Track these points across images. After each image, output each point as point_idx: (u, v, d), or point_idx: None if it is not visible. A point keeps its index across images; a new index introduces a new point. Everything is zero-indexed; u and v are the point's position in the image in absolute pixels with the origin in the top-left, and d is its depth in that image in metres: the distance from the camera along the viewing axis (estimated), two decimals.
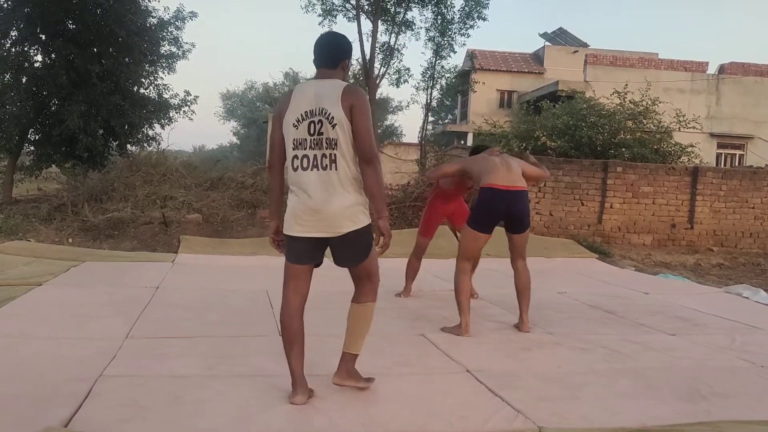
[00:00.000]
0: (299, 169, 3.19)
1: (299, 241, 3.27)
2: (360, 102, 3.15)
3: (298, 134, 3.19)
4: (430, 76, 19.14)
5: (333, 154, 3.14)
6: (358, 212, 3.20)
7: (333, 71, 3.28)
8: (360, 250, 3.29)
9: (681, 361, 4.38)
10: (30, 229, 9.87)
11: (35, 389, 3.30)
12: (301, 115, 3.18)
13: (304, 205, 3.18)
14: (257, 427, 2.94)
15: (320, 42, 3.33)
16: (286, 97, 3.32)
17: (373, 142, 3.18)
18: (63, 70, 12.77)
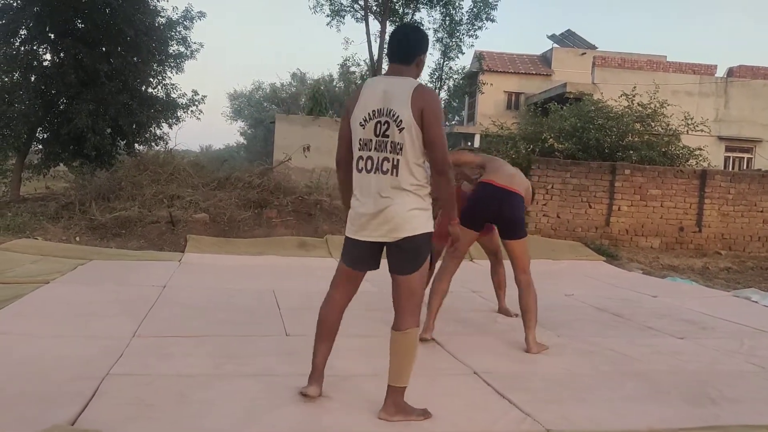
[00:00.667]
0: (363, 170, 3.07)
1: (356, 244, 3.18)
2: (432, 105, 2.97)
3: (365, 134, 3.05)
4: (438, 77, 19.17)
5: (396, 159, 2.99)
6: (415, 218, 3.03)
7: (407, 67, 3.10)
8: (411, 258, 3.08)
9: (689, 365, 4.35)
10: (38, 228, 9.89)
11: (42, 387, 3.31)
12: (369, 114, 3.04)
13: (362, 209, 3.09)
14: (263, 427, 2.93)
15: (396, 34, 3.17)
16: (356, 92, 3.16)
17: (446, 151, 3.01)
18: (71, 68, 12.80)
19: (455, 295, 6.18)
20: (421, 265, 3.09)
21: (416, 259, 3.08)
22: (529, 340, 4.58)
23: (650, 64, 24.44)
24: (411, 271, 3.08)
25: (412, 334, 3.10)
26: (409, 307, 3.10)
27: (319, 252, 9.51)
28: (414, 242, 3.03)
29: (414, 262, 3.08)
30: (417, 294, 3.13)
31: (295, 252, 9.32)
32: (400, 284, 3.11)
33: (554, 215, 11.66)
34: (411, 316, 3.10)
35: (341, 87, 35.27)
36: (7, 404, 3.04)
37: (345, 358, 4.15)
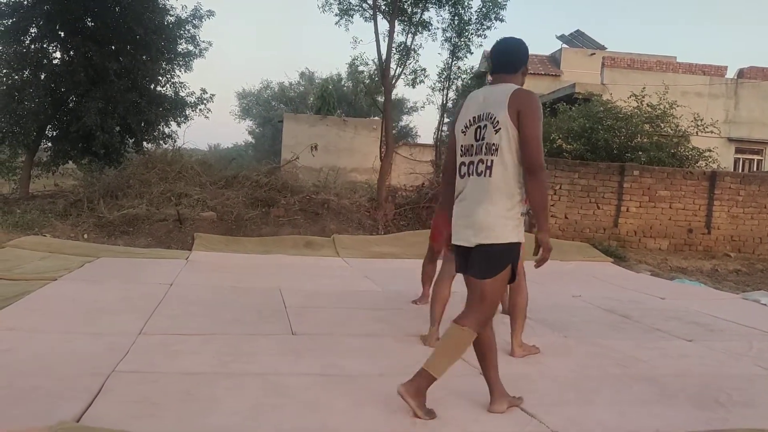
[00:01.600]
0: (465, 175, 3.13)
1: (458, 249, 3.20)
2: (529, 107, 2.98)
3: (466, 140, 3.13)
4: (446, 76, 19.10)
5: (491, 160, 3.01)
6: (499, 226, 3.01)
7: (512, 76, 3.17)
8: (490, 265, 3.05)
9: (697, 368, 4.32)
10: (46, 225, 9.93)
11: (49, 383, 3.31)
12: (469, 121, 3.13)
13: (460, 212, 3.13)
14: (269, 425, 2.93)
15: (499, 48, 3.21)
16: (462, 103, 3.26)
17: (540, 152, 2.99)
18: (81, 67, 12.86)
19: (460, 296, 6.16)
20: (497, 274, 3.05)
21: (491, 267, 3.05)
22: (514, 344, 4.46)
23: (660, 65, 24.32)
24: (484, 277, 3.06)
25: (466, 333, 3.08)
26: (478, 310, 3.09)
27: (326, 251, 9.51)
28: (492, 250, 3.03)
29: (489, 269, 3.05)
30: (487, 301, 3.09)
31: (302, 251, 9.33)
32: (474, 286, 3.12)
33: (562, 216, 11.62)
34: (474, 319, 3.08)
35: (349, 86, 35.23)
36: (14, 400, 3.05)
37: (350, 358, 4.14)
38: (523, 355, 4.42)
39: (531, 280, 7.68)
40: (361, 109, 34.09)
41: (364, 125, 25.82)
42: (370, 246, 10.03)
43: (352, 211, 11.78)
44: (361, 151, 23.79)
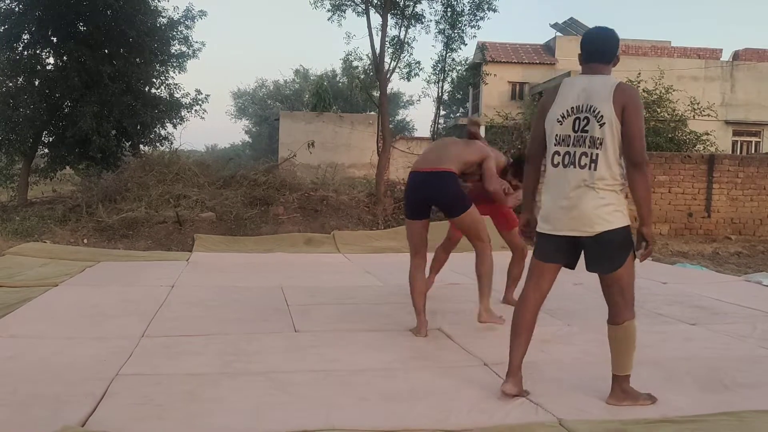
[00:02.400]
0: (559, 165, 3.14)
1: (550, 239, 3.20)
2: (634, 102, 3.04)
3: (562, 130, 3.13)
4: (441, 69, 19.03)
5: (595, 153, 3.04)
6: (612, 212, 3.06)
7: (605, 66, 3.18)
8: (614, 254, 3.10)
9: (701, 351, 4.32)
10: (45, 231, 9.92)
11: (52, 389, 3.31)
12: (567, 111, 3.12)
13: (557, 203, 3.13)
14: (273, 424, 2.92)
15: (593, 37, 3.23)
16: (552, 91, 3.25)
17: (644, 146, 3.06)
18: (75, 71, 12.84)
19: (463, 287, 6.17)
20: (624, 261, 3.11)
21: (615, 256, 3.11)
22: (481, 309, 4.63)
23: (655, 50, 24.32)
24: (612, 268, 3.11)
25: (629, 327, 3.17)
26: (623, 302, 3.15)
27: (327, 248, 9.51)
28: (611, 237, 3.06)
29: (613, 258, 3.11)
30: (628, 289, 3.15)
31: (302, 248, 9.32)
32: (609, 282, 3.16)
33: None
34: (626, 310, 3.15)
35: (344, 82, 35.18)
36: (18, 405, 3.05)
37: (354, 353, 4.14)
38: (487, 320, 4.66)
39: None
40: (356, 104, 34.08)
41: (360, 120, 25.81)
42: (371, 241, 10.02)
43: (351, 206, 11.77)
44: (358, 147, 23.79)
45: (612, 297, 3.17)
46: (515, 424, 2.97)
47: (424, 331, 4.60)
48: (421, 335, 4.57)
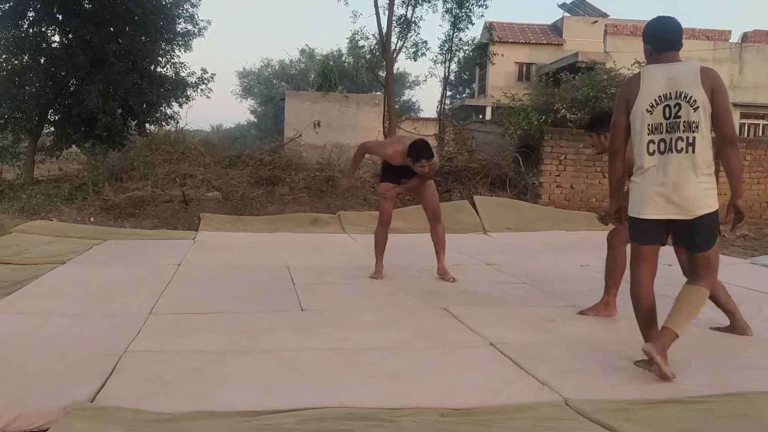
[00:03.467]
0: (655, 153, 3.26)
1: (650, 223, 3.33)
2: (720, 84, 3.23)
3: (653, 119, 3.26)
4: (447, 49, 18.89)
5: (692, 137, 3.21)
6: (711, 195, 3.27)
7: (677, 53, 3.33)
8: (709, 234, 3.32)
9: (707, 333, 4.32)
10: (52, 209, 9.95)
11: (61, 365, 3.33)
12: (655, 100, 3.25)
13: (659, 188, 3.25)
14: (281, 400, 2.94)
15: (665, 27, 3.38)
16: (633, 82, 3.36)
17: (733, 124, 3.28)
18: (80, 49, 12.78)
19: (468, 268, 6.18)
20: (715, 241, 3.36)
21: (711, 236, 3.33)
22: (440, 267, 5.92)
23: None
24: (707, 247, 3.34)
25: (703, 292, 3.38)
26: (707, 275, 3.39)
27: (332, 228, 9.52)
28: (709, 219, 3.27)
29: (709, 238, 3.33)
30: (714, 266, 3.43)
31: (308, 228, 9.33)
32: (698, 260, 3.38)
33: (568, 186, 11.58)
34: (707, 281, 3.39)
35: (350, 62, 35.00)
36: (28, 382, 3.07)
37: (360, 332, 4.16)
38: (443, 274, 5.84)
39: (538, 251, 7.70)
40: (362, 84, 33.93)
41: (366, 101, 25.69)
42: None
43: (356, 187, 11.74)
44: (364, 127, 23.69)
45: (698, 271, 3.39)
46: (521, 404, 2.98)
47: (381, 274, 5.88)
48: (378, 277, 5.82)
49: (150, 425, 2.61)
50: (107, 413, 2.70)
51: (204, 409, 2.80)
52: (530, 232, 9.05)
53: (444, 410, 2.89)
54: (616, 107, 3.43)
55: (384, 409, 2.86)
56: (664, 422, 2.77)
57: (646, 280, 3.45)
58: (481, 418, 2.80)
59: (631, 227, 3.44)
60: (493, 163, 12.59)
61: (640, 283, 3.46)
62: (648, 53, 3.43)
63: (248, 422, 2.66)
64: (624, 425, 2.71)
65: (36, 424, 2.64)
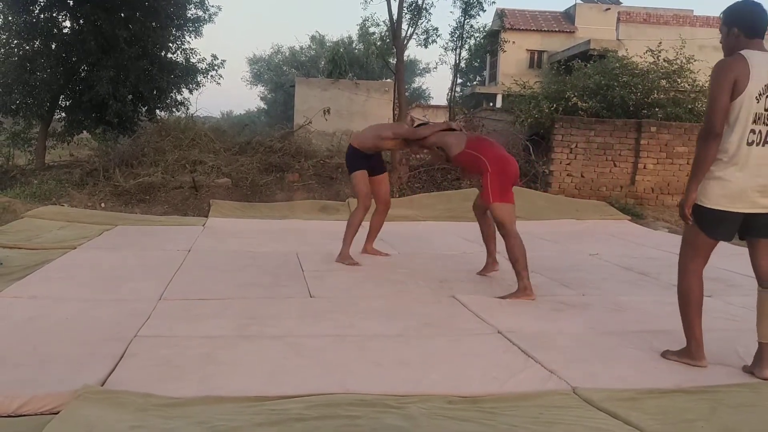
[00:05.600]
0: (753, 144, 3.15)
1: (729, 216, 3.23)
2: None
3: (759, 108, 3.12)
4: (458, 36, 18.77)
5: None
6: None
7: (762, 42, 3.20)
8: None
9: (717, 323, 4.30)
10: (63, 194, 10.01)
11: (72, 349, 3.36)
12: (763, 88, 3.11)
13: (754, 181, 3.17)
14: (289, 386, 2.96)
15: (759, 11, 3.20)
16: (740, 63, 3.11)
17: None
18: (91, 35, 12.79)
19: (477, 256, 6.17)
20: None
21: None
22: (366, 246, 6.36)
23: (676, 19, 23.84)
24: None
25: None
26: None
27: (341, 215, 9.50)
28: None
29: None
30: None
31: (317, 215, 9.34)
32: None
33: (578, 175, 11.52)
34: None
35: (360, 49, 34.82)
36: (39, 365, 3.11)
37: (368, 319, 4.17)
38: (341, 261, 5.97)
39: (548, 240, 7.69)
40: (372, 71, 33.78)
41: (376, 88, 25.63)
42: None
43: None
44: (374, 114, 23.62)
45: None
46: (529, 392, 2.99)
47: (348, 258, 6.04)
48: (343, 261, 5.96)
49: (159, 409, 2.63)
50: (117, 397, 2.72)
51: (212, 394, 2.83)
52: (540, 221, 9.02)
53: (451, 398, 2.90)
54: (721, 87, 3.11)
55: (391, 396, 2.87)
56: (671, 411, 2.77)
57: (701, 272, 3.41)
58: (489, 405, 2.81)
59: (712, 221, 3.26)
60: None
61: (696, 275, 3.40)
62: (733, 36, 3.20)
63: (256, 407, 2.68)
64: (631, 414, 2.71)
65: (47, 407, 2.67)
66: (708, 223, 3.28)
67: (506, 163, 5.14)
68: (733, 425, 2.66)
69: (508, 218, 4.96)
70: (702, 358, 3.36)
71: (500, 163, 5.09)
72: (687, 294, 3.41)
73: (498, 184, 4.99)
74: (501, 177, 5.02)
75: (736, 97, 3.10)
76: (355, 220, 6.13)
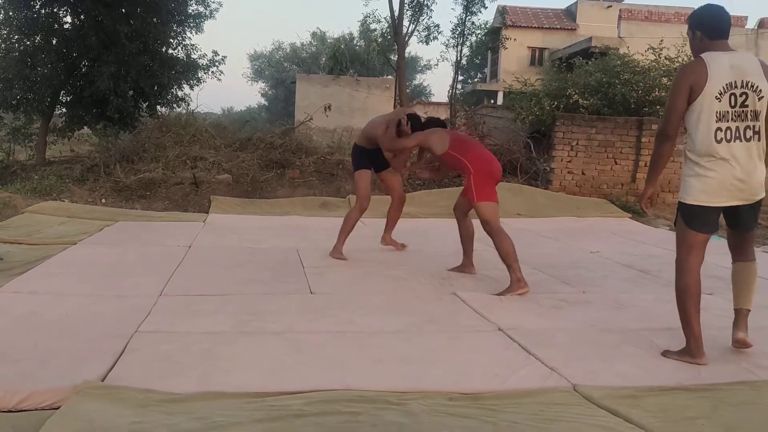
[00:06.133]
0: (722, 141, 3.27)
1: (714, 210, 3.38)
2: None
3: (721, 106, 3.26)
4: (460, 32, 18.75)
5: (758, 125, 3.30)
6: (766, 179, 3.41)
7: (727, 42, 3.39)
8: (758, 215, 3.56)
9: (718, 321, 4.28)
10: (64, 190, 10.00)
11: (72, 344, 3.36)
12: (723, 87, 3.25)
13: (730, 175, 3.29)
14: (289, 382, 2.95)
15: (719, 13, 3.41)
16: (698, 68, 3.29)
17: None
18: (92, 31, 12.77)
19: (478, 253, 6.16)
20: None
21: (758, 216, 3.60)
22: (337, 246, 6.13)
23: (678, 17, 23.80)
24: (755, 227, 3.62)
25: (756, 267, 3.65)
26: (751, 247, 3.67)
27: (342, 212, 9.47)
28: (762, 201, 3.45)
29: (758, 218, 3.61)
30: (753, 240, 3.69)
31: (317, 212, 9.34)
32: (747, 239, 3.60)
33: (579, 172, 11.51)
34: (753, 253, 3.67)
35: (361, 45, 34.82)
36: (39, 361, 3.10)
37: (369, 315, 4.16)
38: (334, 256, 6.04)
39: (549, 237, 7.68)
40: (373, 68, 33.78)
41: (377, 84, 25.61)
42: (385, 206, 9.99)
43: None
44: (375, 111, 23.50)
45: (746, 246, 3.61)
46: (529, 389, 2.99)
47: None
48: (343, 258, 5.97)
49: (160, 405, 2.63)
50: (117, 392, 2.72)
51: (213, 389, 2.83)
52: (541, 218, 9.02)
53: (452, 394, 2.90)
54: (676, 92, 3.33)
55: (392, 392, 2.87)
56: (672, 409, 2.77)
57: (698, 269, 3.50)
58: (490, 402, 2.81)
59: (693, 216, 3.40)
60: (504, 149, 12.51)
61: (692, 272, 3.47)
62: (697, 39, 3.41)
63: (256, 403, 2.68)
64: (632, 412, 2.71)
65: (47, 402, 2.66)
66: (691, 219, 3.43)
67: (488, 163, 5.24)
68: (734, 423, 2.66)
69: (492, 216, 5.08)
70: (702, 356, 3.37)
71: (482, 163, 5.19)
72: (684, 291, 3.48)
73: (481, 183, 5.11)
74: (484, 177, 5.14)
75: (694, 99, 3.29)
76: (351, 218, 6.22)
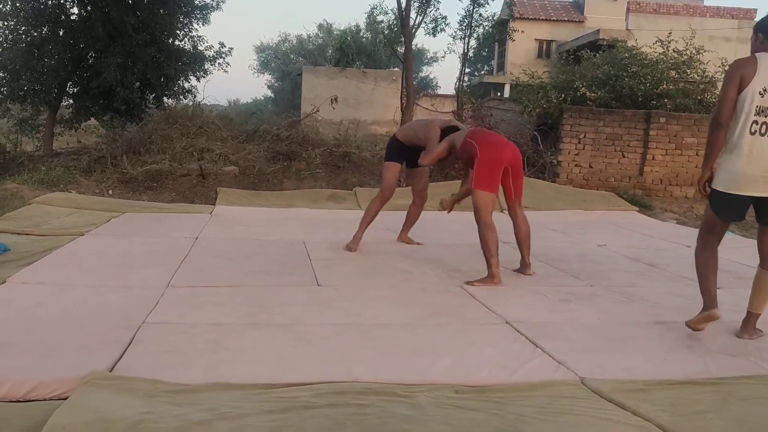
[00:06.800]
0: (756, 134, 3.51)
1: (738, 198, 3.60)
2: None
3: (763, 102, 3.49)
4: (467, 24, 18.66)
5: None
6: None
7: None
8: None
9: (726, 315, 4.26)
10: (71, 181, 10.01)
11: (80, 335, 3.37)
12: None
13: (757, 165, 3.50)
14: (296, 374, 2.96)
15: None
16: (749, 63, 3.54)
17: None
18: (99, 22, 12.76)
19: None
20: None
21: None
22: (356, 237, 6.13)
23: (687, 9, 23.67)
24: None
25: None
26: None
27: (348, 204, 9.50)
28: None
29: None
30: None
31: (324, 204, 9.33)
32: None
33: (587, 165, 11.47)
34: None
35: (368, 37, 34.71)
36: (47, 352, 3.11)
37: (376, 308, 4.16)
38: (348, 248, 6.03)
39: (556, 230, 7.66)
40: (380, 60, 33.67)
41: (383, 77, 25.55)
42: (393, 198, 9.98)
43: (373, 163, 11.70)
44: (382, 103, 23.59)
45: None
46: (537, 382, 2.98)
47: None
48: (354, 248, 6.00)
49: (167, 395, 2.63)
50: (125, 383, 2.73)
51: (220, 380, 2.83)
52: (548, 211, 8.98)
53: (460, 387, 2.89)
54: (729, 81, 3.56)
55: (399, 384, 2.87)
56: (680, 403, 2.76)
57: (716, 246, 3.78)
58: (497, 395, 2.80)
59: (720, 202, 3.66)
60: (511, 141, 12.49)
61: (713, 251, 3.77)
62: (759, 41, 3.65)
63: (264, 395, 2.69)
64: (640, 405, 2.70)
65: (55, 393, 2.67)
66: (715, 204, 3.69)
67: (496, 149, 5.13)
68: (743, 417, 2.65)
69: (485, 206, 4.98)
70: (715, 307, 3.69)
71: (490, 148, 5.09)
72: (704, 266, 3.79)
73: (484, 171, 5.00)
74: (489, 165, 5.02)
75: (741, 91, 3.52)
76: (372, 208, 6.26)
